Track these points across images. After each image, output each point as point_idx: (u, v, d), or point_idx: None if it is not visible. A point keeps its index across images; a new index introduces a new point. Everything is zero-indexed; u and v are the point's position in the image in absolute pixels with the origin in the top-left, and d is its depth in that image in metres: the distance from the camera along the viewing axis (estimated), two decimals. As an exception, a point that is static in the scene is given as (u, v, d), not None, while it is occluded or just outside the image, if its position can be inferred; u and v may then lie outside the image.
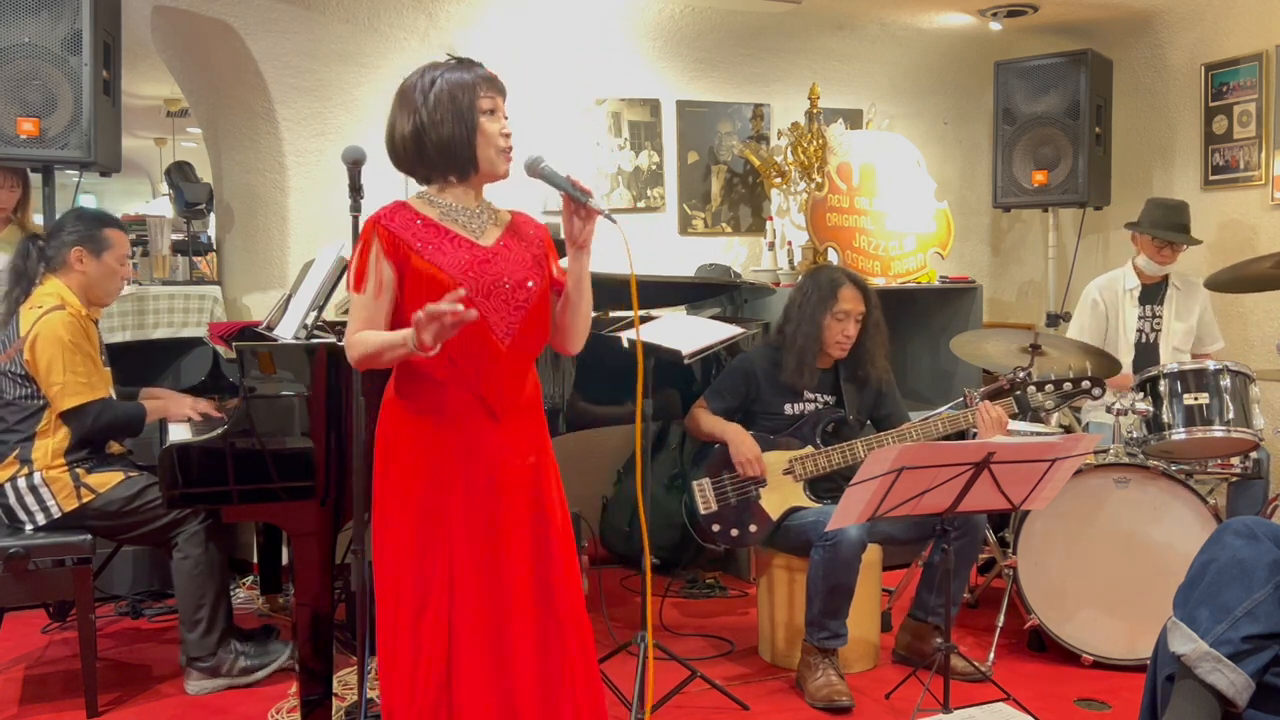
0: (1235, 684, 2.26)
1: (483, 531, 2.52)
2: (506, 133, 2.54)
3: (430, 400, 2.53)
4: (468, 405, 2.52)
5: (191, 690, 3.73)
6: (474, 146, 2.51)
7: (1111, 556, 3.89)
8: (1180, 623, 2.36)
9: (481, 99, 2.52)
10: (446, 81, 2.52)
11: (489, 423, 2.53)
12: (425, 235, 2.51)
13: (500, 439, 2.54)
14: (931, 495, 3.21)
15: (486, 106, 2.52)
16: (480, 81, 2.53)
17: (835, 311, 3.93)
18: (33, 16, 4.03)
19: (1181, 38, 5.67)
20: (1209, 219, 5.35)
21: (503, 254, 2.55)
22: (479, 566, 2.51)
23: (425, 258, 2.48)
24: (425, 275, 2.47)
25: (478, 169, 2.54)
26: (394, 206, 2.56)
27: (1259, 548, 2.36)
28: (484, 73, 2.56)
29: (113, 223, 3.91)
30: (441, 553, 2.51)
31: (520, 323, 2.54)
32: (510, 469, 2.55)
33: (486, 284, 2.50)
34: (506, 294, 2.52)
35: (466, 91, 2.51)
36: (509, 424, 2.56)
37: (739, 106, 5.92)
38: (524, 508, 2.56)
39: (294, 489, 3.27)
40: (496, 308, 2.51)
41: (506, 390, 2.55)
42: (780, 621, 4.02)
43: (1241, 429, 4.06)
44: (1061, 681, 3.81)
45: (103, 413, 3.66)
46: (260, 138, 5.15)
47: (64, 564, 3.58)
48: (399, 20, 5.19)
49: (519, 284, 2.54)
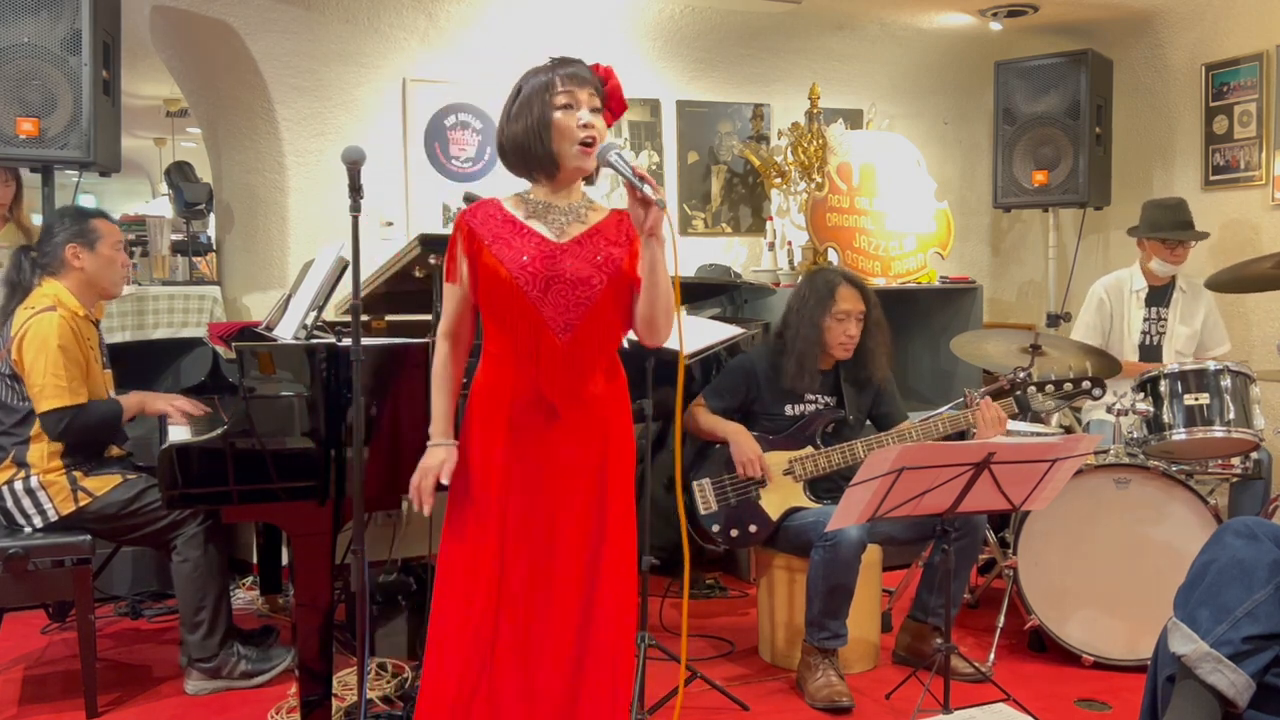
0: (1236, 684, 2.26)
1: (537, 524, 2.58)
2: (585, 123, 2.53)
3: (498, 389, 2.60)
4: (529, 398, 2.57)
5: (191, 691, 3.73)
6: (548, 144, 2.53)
7: (1112, 557, 3.89)
8: (1181, 623, 2.35)
9: (558, 94, 2.53)
10: (529, 86, 2.57)
11: (548, 417, 2.58)
12: (500, 231, 2.56)
13: (559, 435, 2.58)
14: (932, 495, 3.21)
15: (562, 102, 2.53)
16: (558, 78, 2.54)
17: (835, 313, 3.92)
18: (32, 16, 4.03)
19: (1182, 38, 5.67)
20: (1210, 219, 5.34)
21: (573, 250, 2.58)
22: (527, 559, 2.57)
23: (493, 252, 2.54)
24: (489, 269, 2.55)
25: (559, 165, 2.57)
26: (484, 202, 2.63)
27: (1259, 548, 2.36)
28: (566, 70, 2.56)
29: (99, 214, 3.91)
30: (491, 542, 2.57)
31: (580, 319, 2.56)
32: (568, 467, 2.59)
33: (545, 279, 2.54)
34: (566, 289, 2.55)
35: (542, 90, 2.54)
36: (570, 420, 2.59)
37: (739, 106, 5.91)
38: (580, 507, 2.60)
39: (294, 489, 3.26)
40: (554, 302, 2.54)
41: (566, 385, 2.58)
42: (780, 622, 4.02)
43: (1242, 429, 4.05)
44: (1062, 682, 3.81)
45: (76, 417, 3.60)
46: (260, 138, 5.14)
47: (63, 564, 3.58)
48: (399, 20, 5.19)
49: (582, 280, 2.56)
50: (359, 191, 2.87)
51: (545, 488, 2.59)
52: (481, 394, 2.64)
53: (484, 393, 2.63)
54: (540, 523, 2.58)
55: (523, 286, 2.52)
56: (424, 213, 5.30)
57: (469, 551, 2.59)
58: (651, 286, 2.56)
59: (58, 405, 3.56)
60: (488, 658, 2.56)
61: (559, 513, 2.59)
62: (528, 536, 2.58)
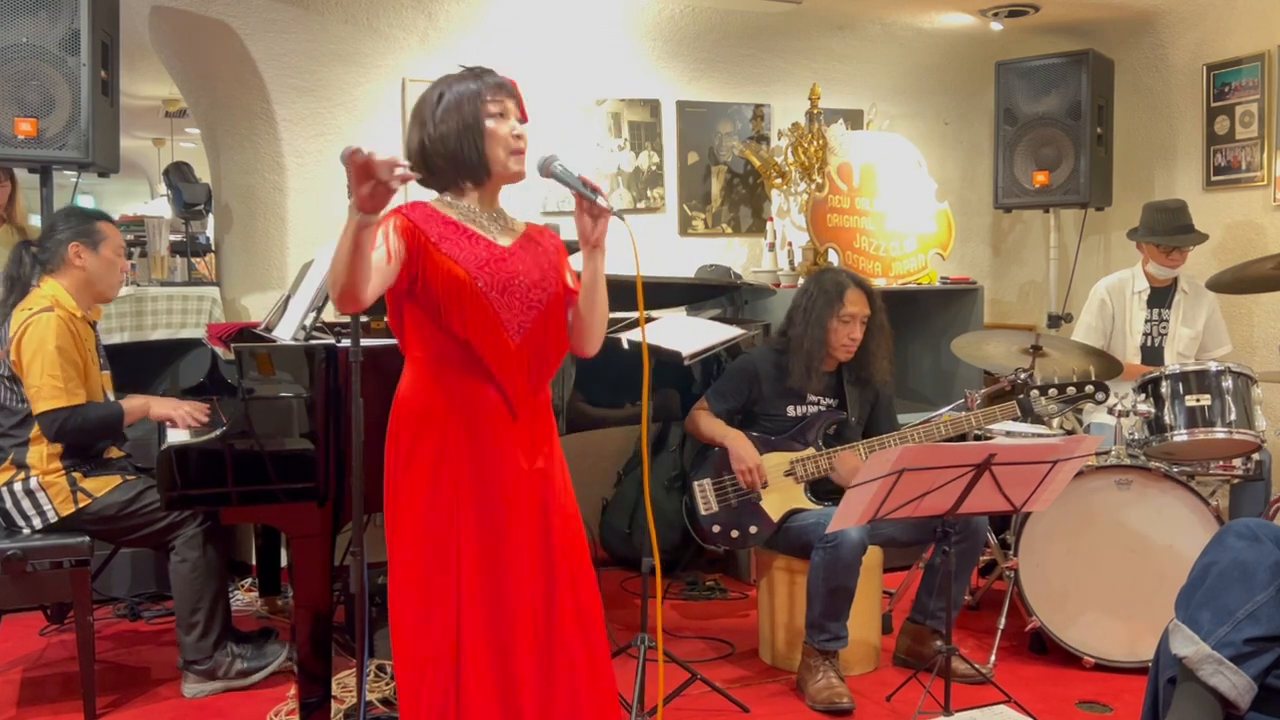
0: (1237, 686, 2.25)
1: (491, 531, 2.53)
2: (517, 133, 2.56)
3: (449, 396, 2.54)
4: (488, 401, 2.55)
5: (188, 693, 3.72)
6: (482, 150, 2.53)
7: (1113, 558, 3.88)
8: (1182, 625, 2.34)
9: (488, 104, 2.54)
10: (454, 93, 2.55)
11: (507, 421, 2.56)
12: (445, 231, 2.53)
13: (514, 439, 2.56)
14: (932, 497, 3.20)
15: (494, 110, 2.54)
16: (487, 88, 2.55)
17: (841, 314, 3.91)
18: (30, 16, 4.01)
19: (1183, 38, 5.66)
20: (1211, 220, 5.33)
21: (519, 254, 2.58)
22: (485, 567, 2.52)
23: (444, 251, 2.51)
24: (444, 268, 2.49)
25: (490, 172, 2.56)
26: (415, 204, 2.59)
27: (1261, 550, 2.35)
28: (493, 79, 2.58)
29: (103, 216, 3.91)
30: (450, 552, 2.51)
31: (532, 323, 2.57)
32: (520, 471, 2.56)
33: (502, 280, 2.53)
34: (521, 292, 2.55)
35: (472, 99, 2.54)
36: (524, 425, 2.58)
37: (739, 107, 5.91)
38: (533, 510, 2.58)
39: (293, 490, 3.27)
40: (510, 305, 2.54)
41: (522, 389, 2.57)
42: (781, 623, 4.01)
43: (1243, 430, 4.04)
44: (1063, 684, 3.80)
45: (72, 418, 3.57)
46: (259, 138, 5.13)
47: (62, 566, 3.56)
48: (398, 20, 5.18)
49: (534, 284, 2.57)
50: (358, 192, 2.86)
51: (498, 494, 2.54)
52: (423, 399, 2.55)
53: (426, 397, 2.55)
54: (493, 528, 2.53)
55: (481, 287, 2.50)
56: (423, 213, 5.28)
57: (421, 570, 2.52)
58: (594, 297, 2.59)
59: (55, 406, 3.55)
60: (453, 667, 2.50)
61: (510, 515, 2.54)
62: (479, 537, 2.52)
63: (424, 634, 2.51)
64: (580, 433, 3.93)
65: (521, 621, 2.54)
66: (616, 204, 5.60)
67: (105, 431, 3.74)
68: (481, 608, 2.52)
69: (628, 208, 5.64)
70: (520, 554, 2.55)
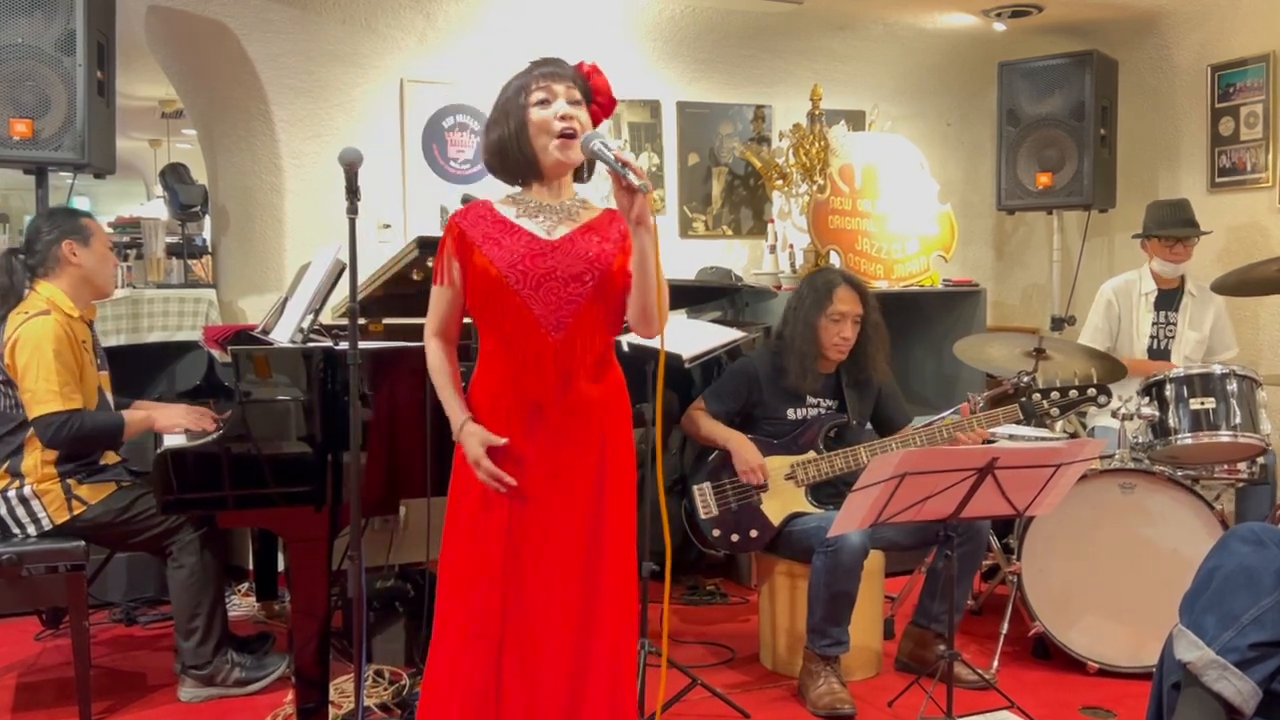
0: (1242, 692, 2.23)
1: (535, 529, 2.56)
2: (563, 114, 2.53)
3: (494, 391, 2.59)
4: (522, 399, 2.56)
5: (184, 697, 3.70)
6: (525, 145, 2.54)
7: (1117, 563, 3.86)
8: (1186, 630, 2.33)
9: (533, 93, 2.54)
10: (507, 93, 2.59)
11: (540, 419, 2.56)
12: (490, 231, 2.56)
13: (553, 437, 2.56)
14: (935, 501, 3.17)
15: (537, 98, 2.54)
16: (533, 78, 2.55)
17: (830, 314, 3.89)
18: (26, 16, 4.00)
19: (1187, 38, 5.64)
20: (1216, 221, 5.31)
21: (564, 247, 2.56)
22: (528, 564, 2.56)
23: (483, 251, 2.53)
24: (479, 268, 2.54)
25: (541, 165, 2.57)
26: (476, 204, 2.62)
27: (1266, 554, 2.33)
28: (543, 69, 2.57)
29: (84, 213, 3.91)
30: (494, 547, 2.55)
31: (571, 316, 2.54)
32: (564, 470, 2.57)
33: (536, 277, 2.52)
34: (557, 287, 2.53)
35: (517, 95, 2.55)
36: (564, 422, 2.57)
37: (740, 108, 5.89)
38: (578, 512, 2.58)
39: (290, 494, 3.25)
40: (545, 300, 2.53)
41: (556, 385, 2.55)
42: (782, 628, 3.99)
43: (1249, 434, 4.03)
44: (1066, 689, 3.78)
45: (68, 423, 3.53)
46: (256, 139, 5.11)
47: (57, 570, 3.54)
48: (396, 20, 5.16)
49: (574, 277, 2.54)
50: (356, 193, 2.85)
51: (542, 491, 2.56)
52: (478, 397, 2.62)
53: (481, 395, 2.62)
54: (539, 527, 2.56)
55: (513, 285, 2.51)
56: (422, 215, 5.27)
57: (472, 555, 2.58)
58: (642, 277, 2.53)
59: (50, 410, 3.52)
60: (495, 661, 2.54)
61: (556, 517, 2.56)
62: (526, 541, 2.56)
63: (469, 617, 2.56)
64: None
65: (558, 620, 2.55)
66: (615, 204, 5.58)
67: (102, 441, 3.70)
68: (522, 601, 2.55)
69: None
70: (563, 554, 2.56)
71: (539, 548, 2.56)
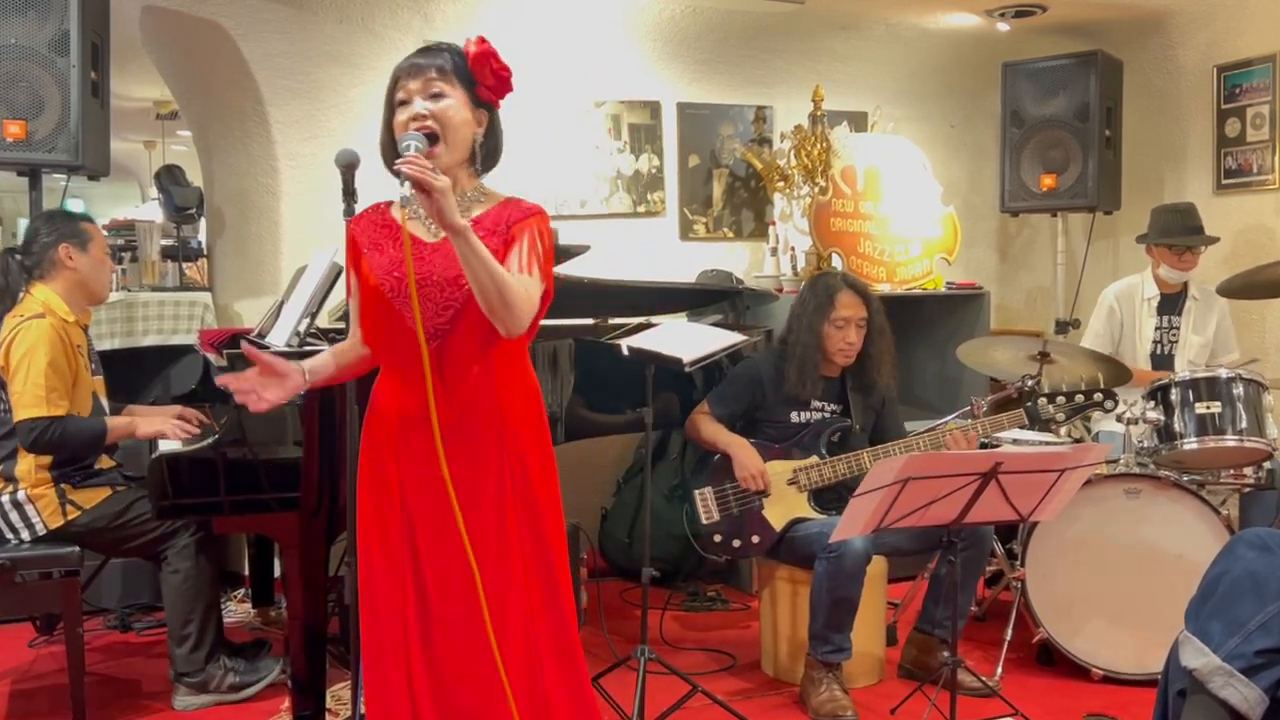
0: (1248, 699, 2.21)
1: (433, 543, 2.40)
2: (414, 114, 2.34)
3: (383, 405, 2.46)
4: (408, 412, 2.40)
5: (179, 706, 3.67)
6: (392, 145, 2.38)
7: (1122, 569, 3.84)
8: (1192, 636, 2.31)
9: (396, 92, 2.39)
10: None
11: (426, 432, 2.33)
12: (376, 236, 2.44)
13: (446, 450, 2.33)
14: (938, 506, 3.15)
15: (399, 99, 2.38)
16: (399, 74, 2.39)
17: (834, 319, 3.87)
18: (19, 17, 3.98)
19: (1193, 38, 5.60)
20: (1222, 223, 5.27)
21: (444, 249, 2.33)
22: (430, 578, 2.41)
23: (367, 259, 2.43)
24: (364, 276, 2.43)
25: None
26: (370, 208, 2.50)
27: (1273, 560, 2.31)
28: (404, 63, 2.39)
29: (85, 217, 3.89)
30: (395, 571, 2.43)
31: (448, 323, 2.36)
32: (459, 484, 2.35)
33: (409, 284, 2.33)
34: (434, 293, 2.35)
35: (388, 101, 2.41)
36: (454, 434, 2.37)
37: (741, 109, 5.86)
38: (479, 525, 2.38)
39: (286, 499, 3.23)
40: (422, 307, 2.33)
41: (440, 398, 2.34)
42: (783, 635, 3.96)
43: (1255, 438, 4.00)
44: (1070, 696, 3.76)
45: (50, 429, 3.49)
46: (252, 141, 5.09)
47: (51, 576, 3.52)
48: (393, 20, 5.13)
49: (450, 281, 2.34)
50: (353, 195, 2.80)
51: (436, 505, 2.37)
52: (371, 411, 2.49)
53: (370, 414, 2.50)
54: (433, 557, 2.40)
55: (388, 294, 2.36)
56: (420, 217, 5.23)
57: (377, 572, 2.45)
58: (470, 280, 2.25)
59: (33, 415, 3.49)
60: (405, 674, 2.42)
61: (452, 544, 2.35)
62: (424, 568, 2.41)
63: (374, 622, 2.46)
64: (578, 441, 3.89)
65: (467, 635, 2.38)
66: (616, 207, 5.57)
67: (85, 448, 3.66)
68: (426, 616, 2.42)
69: (627, 211, 5.61)
70: (462, 568, 2.36)
71: (442, 577, 2.39)
